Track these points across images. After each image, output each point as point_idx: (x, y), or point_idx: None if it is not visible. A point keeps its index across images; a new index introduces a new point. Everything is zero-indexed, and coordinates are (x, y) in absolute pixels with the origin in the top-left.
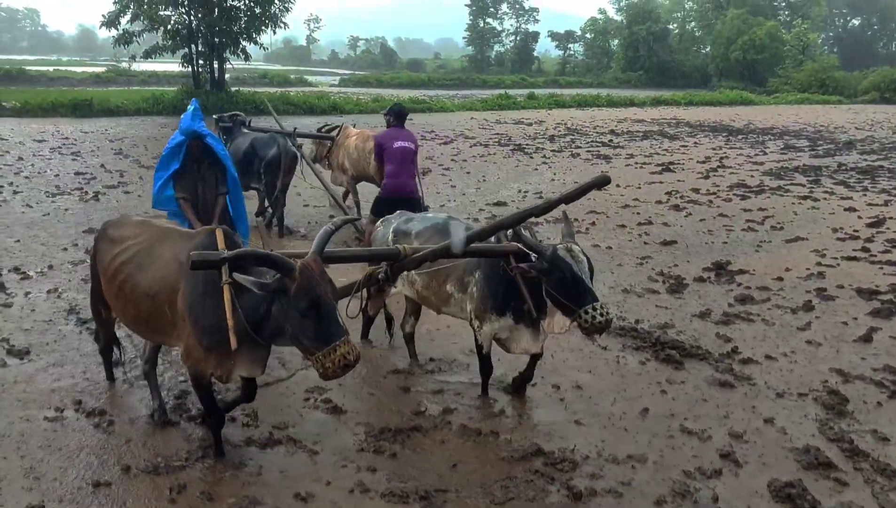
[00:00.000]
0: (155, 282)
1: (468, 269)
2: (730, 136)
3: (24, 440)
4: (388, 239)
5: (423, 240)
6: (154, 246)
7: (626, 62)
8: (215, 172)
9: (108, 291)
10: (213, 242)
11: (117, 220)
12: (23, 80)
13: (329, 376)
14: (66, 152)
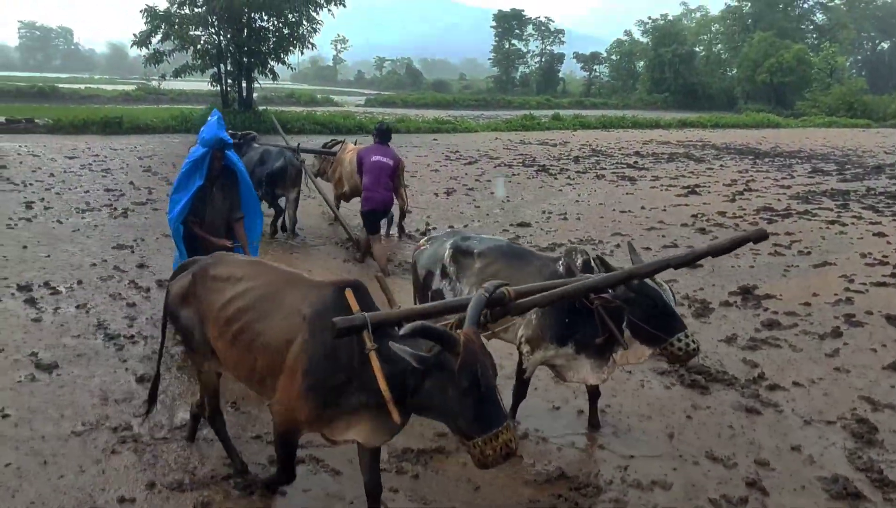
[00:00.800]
0: (277, 332)
1: None
2: (756, 159)
3: (51, 455)
4: (446, 257)
5: (488, 261)
6: (277, 292)
7: (651, 84)
8: (229, 194)
9: (219, 338)
10: (342, 298)
11: (218, 258)
12: (55, 97)
13: (488, 464)
14: (97, 169)
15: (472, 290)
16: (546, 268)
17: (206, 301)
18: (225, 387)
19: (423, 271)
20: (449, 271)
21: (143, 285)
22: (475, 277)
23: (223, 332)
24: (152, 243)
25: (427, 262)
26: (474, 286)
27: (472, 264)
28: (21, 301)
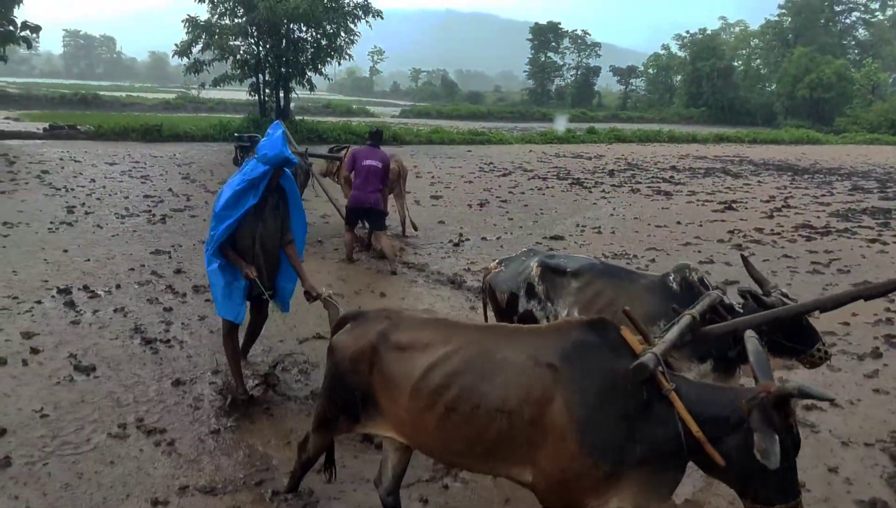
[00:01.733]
0: (513, 392)
1: (650, 316)
2: (795, 175)
3: (87, 456)
4: (534, 276)
5: (586, 280)
6: (490, 348)
7: (688, 98)
8: (280, 214)
9: (422, 412)
10: (591, 337)
11: (394, 319)
12: (97, 104)
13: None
14: (136, 176)
15: (570, 311)
16: (655, 286)
17: (394, 373)
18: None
19: (505, 293)
20: (538, 291)
21: (179, 291)
22: (573, 296)
23: (429, 405)
24: (189, 249)
25: (508, 284)
26: (573, 307)
27: (567, 284)
28: (61, 304)
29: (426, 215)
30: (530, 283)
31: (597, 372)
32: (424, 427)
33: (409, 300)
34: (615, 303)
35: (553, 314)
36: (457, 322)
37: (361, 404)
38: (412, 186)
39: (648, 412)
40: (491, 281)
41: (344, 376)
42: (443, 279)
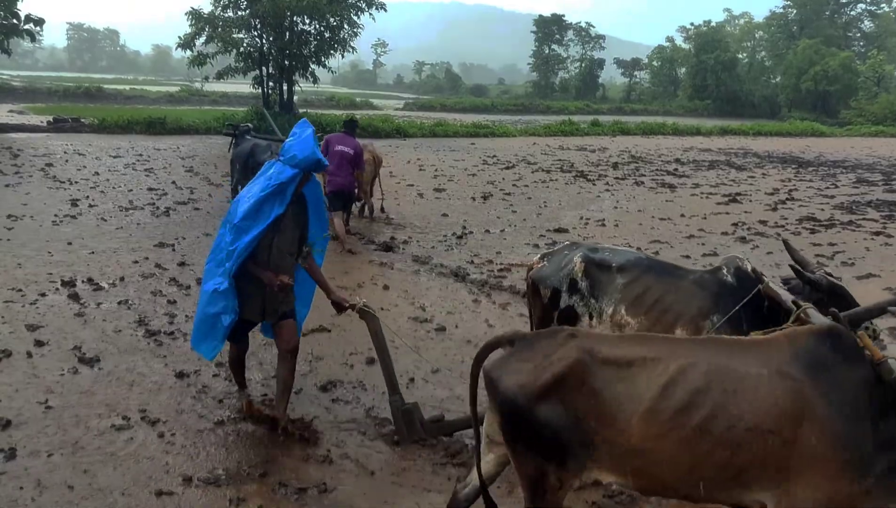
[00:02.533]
0: (766, 411)
1: (703, 312)
2: (799, 168)
3: (90, 447)
4: (577, 271)
5: (633, 276)
6: (726, 362)
7: (693, 91)
8: (300, 221)
9: (663, 440)
10: (834, 342)
11: (583, 335)
12: (101, 97)
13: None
14: (140, 169)
15: (616, 308)
16: (707, 281)
17: (617, 395)
18: None
19: (549, 289)
20: (581, 287)
21: (183, 283)
22: (619, 293)
23: (673, 428)
24: (193, 242)
25: (551, 280)
26: (620, 304)
27: (612, 280)
28: (65, 296)
29: (429, 208)
30: (573, 278)
31: (842, 382)
32: (662, 456)
33: (412, 293)
34: (663, 300)
35: (597, 311)
36: (660, 336)
37: (567, 445)
38: (415, 180)
39: (891, 419)
40: (534, 277)
41: (530, 414)
42: (446, 272)
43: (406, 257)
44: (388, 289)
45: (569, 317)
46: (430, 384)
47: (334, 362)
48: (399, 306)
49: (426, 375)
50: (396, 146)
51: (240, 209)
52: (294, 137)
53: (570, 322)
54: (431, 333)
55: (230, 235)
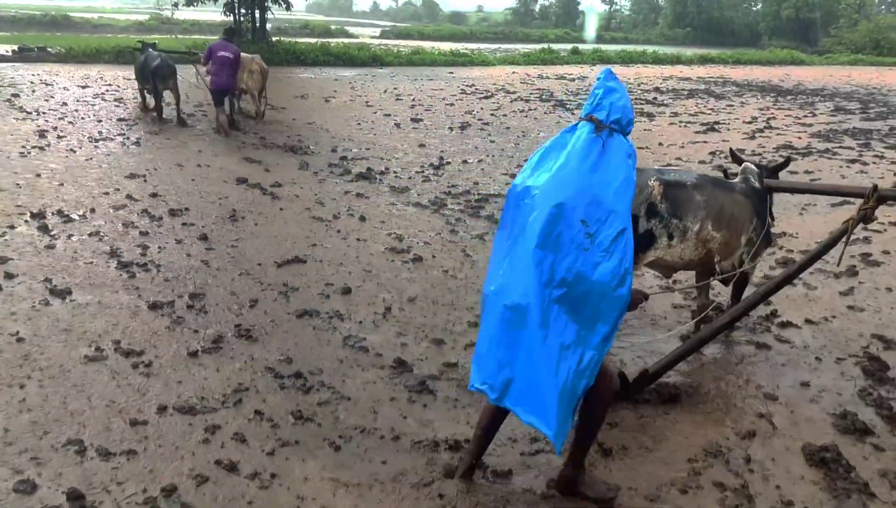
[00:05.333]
0: None
1: (751, 216)
2: (778, 96)
3: (64, 378)
4: (655, 194)
5: (708, 194)
6: None
7: (673, 18)
8: None
9: None
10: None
11: None
12: (67, 26)
13: None
14: (109, 99)
15: (703, 225)
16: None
17: None
18: None
19: None
20: (660, 210)
21: (155, 215)
22: (703, 210)
23: None
24: (165, 173)
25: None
26: (706, 221)
27: (693, 197)
28: (35, 228)
29: (406, 138)
30: (651, 202)
31: None
32: None
33: (389, 224)
34: (733, 212)
35: (679, 230)
36: None
37: None
38: (392, 109)
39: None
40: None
41: None
42: (424, 202)
43: (383, 188)
44: (365, 220)
45: (647, 241)
46: (406, 312)
47: (310, 292)
48: (376, 236)
49: (403, 304)
50: (373, 75)
51: (615, 186)
52: (610, 93)
53: (645, 246)
54: (409, 263)
55: (614, 221)
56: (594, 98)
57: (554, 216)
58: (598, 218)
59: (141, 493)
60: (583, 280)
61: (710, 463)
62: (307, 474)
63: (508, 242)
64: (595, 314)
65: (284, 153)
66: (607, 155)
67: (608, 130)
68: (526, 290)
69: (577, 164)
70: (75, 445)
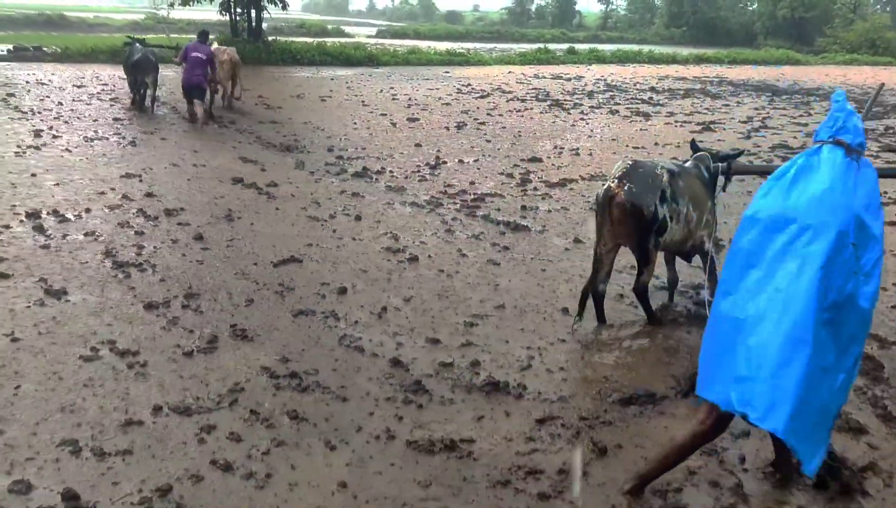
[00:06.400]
0: None
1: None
2: (774, 96)
3: (59, 378)
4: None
5: (685, 179)
6: None
7: (669, 18)
8: None
9: None
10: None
11: None
12: (63, 25)
13: None
14: (105, 98)
15: (687, 207)
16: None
17: None
18: None
19: (651, 207)
20: (667, 196)
21: (151, 214)
22: (687, 194)
23: None
24: (161, 173)
25: (650, 197)
26: (689, 203)
27: (678, 183)
28: (30, 228)
29: (403, 138)
30: (663, 190)
31: None
32: None
33: (385, 224)
34: (698, 193)
35: (677, 213)
36: None
37: None
38: (388, 109)
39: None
40: (633, 200)
41: None
42: (420, 202)
43: (379, 188)
44: (361, 219)
45: (660, 227)
46: (402, 312)
47: (306, 292)
48: (372, 236)
49: (399, 303)
50: (369, 75)
51: (873, 210)
52: (842, 115)
53: (661, 231)
54: (404, 263)
55: (872, 248)
56: (837, 121)
57: (836, 242)
58: (863, 242)
59: (136, 493)
60: (851, 304)
61: (705, 462)
62: (303, 474)
63: (762, 270)
64: (852, 337)
65: (280, 153)
66: (862, 178)
67: (857, 153)
68: (802, 315)
69: (842, 188)
70: (70, 445)
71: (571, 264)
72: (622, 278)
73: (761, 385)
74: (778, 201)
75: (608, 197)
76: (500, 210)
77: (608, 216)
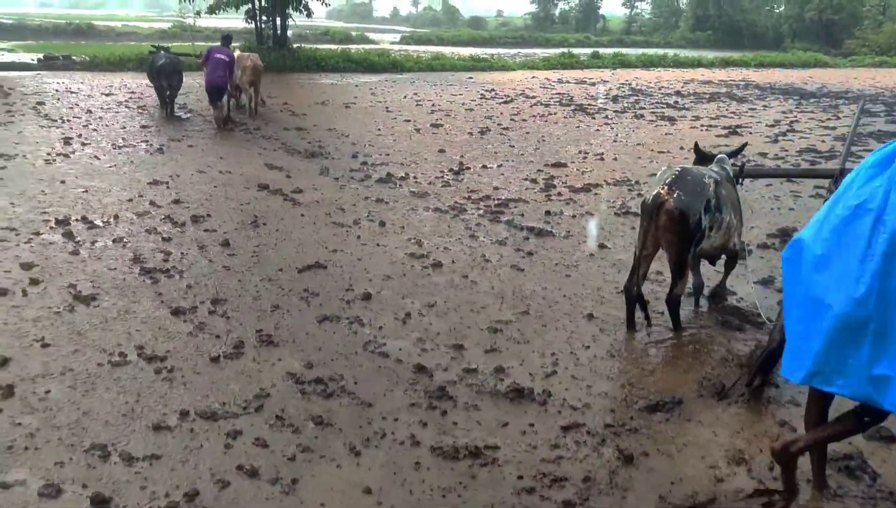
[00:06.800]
0: None
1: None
2: (801, 99)
3: (88, 384)
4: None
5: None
6: None
7: (694, 22)
8: None
9: None
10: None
11: None
12: (92, 34)
13: None
14: (133, 106)
15: (728, 214)
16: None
17: None
18: None
19: (697, 215)
20: (712, 205)
21: (178, 221)
22: (729, 201)
23: None
24: (187, 179)
25: (698, 205)
26: (730, 210)
27: (721, 192)
28: (59, 235)
29: (426, 144)
30: (708, 199)
31: None
32: None
33: (409, 229)
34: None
35: (718, 222)
36: None
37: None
38: (412, 115)
39: None
40: (682, 207)
41: None
42: (443, 207)
43: (403, 193)
44: (385, 225)
45: (700, 236)
46: (426, 318)
47: (330, 298)
48: (396, 242)
49: (423, 309)
50: (393, 81)
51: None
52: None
53: (699, 240)
54: (428, 268)
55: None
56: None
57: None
58: None
59: (164, 497)
60: None
61: (733, 471)
62: (328, 479)
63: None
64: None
65: (305, 159)
66: None
67: None
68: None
69: None
70: (99, 450)
71: (597, 270)
72: (647, 285)
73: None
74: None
75: (657, 203)
76: (523, 215)
77: (655, 222)
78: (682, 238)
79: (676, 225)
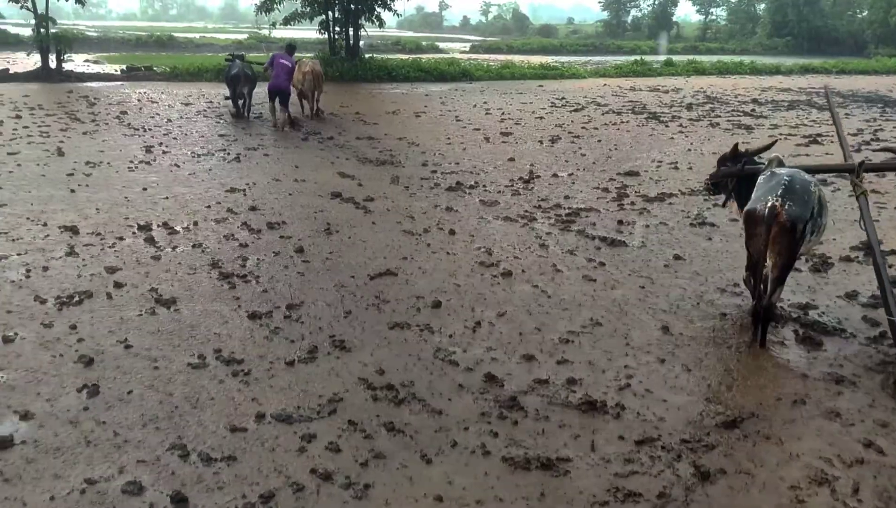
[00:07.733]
0: None
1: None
2: (886, 107)
3: (168, 385)
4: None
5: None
6: None
7: (772, 27)
8: None
9: None
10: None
11: None
12: (172, 46)
13: None
14: (211, 115)
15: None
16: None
17: None
18: None
19: (801, 223)
20: (815, 212)
21: (254, 227)
22: (825, 207)
23: None
24: (263, 187)
25: (805, 215)
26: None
27: (821, 196)
28: (141, 240)
29: (496, 152)
30: (813, 207)
31: None
32: None
33: (478, 238)
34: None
35: (818, 226)
36: None
37: None
38: (481, 123)
39: None
40: (794, 217)
41: None
42: (513, 216)
43: (472, 202)
44: (455, 234)
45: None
46: (496, 327)
47: (401, 305)
48: (465, 250)
49: (492, 318)
50: (463, 90)
51: None
52: None
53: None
54: (498, 277)
55: None
56: None
57: None
58: None
59: (240, 498)
60: None
61: (815, 492)
62: (400, 486)
63: None
64: None
65: (377, 168)
66: None
67: None
68: None
69: None
70: (179, 449)
71: (671, 281)
72: (725, 298)
73: None
74: None
75: (772, 215)
76: (595, 225)
77: (769, 234)
78: (791, 248)
79: (787, 235)
